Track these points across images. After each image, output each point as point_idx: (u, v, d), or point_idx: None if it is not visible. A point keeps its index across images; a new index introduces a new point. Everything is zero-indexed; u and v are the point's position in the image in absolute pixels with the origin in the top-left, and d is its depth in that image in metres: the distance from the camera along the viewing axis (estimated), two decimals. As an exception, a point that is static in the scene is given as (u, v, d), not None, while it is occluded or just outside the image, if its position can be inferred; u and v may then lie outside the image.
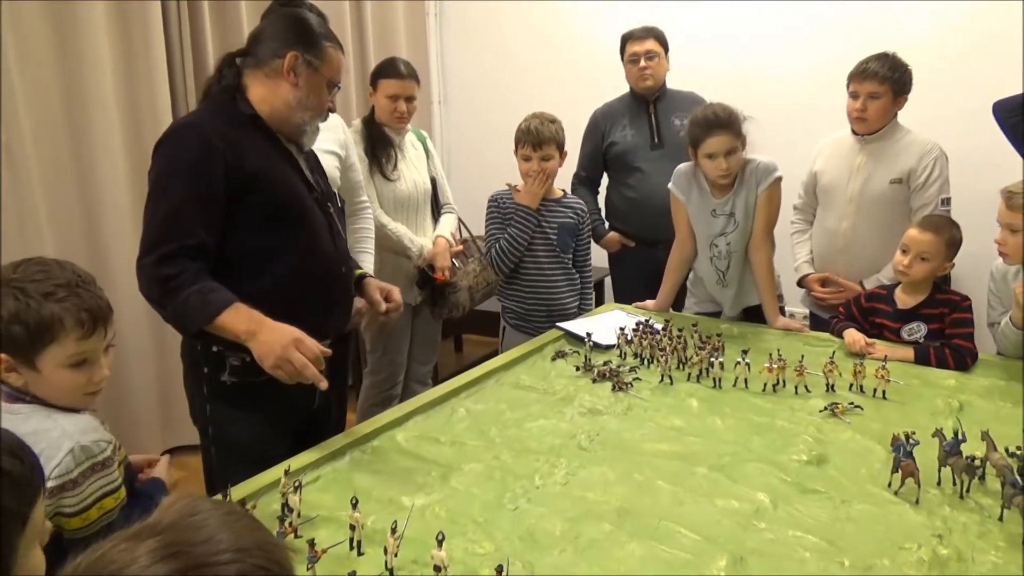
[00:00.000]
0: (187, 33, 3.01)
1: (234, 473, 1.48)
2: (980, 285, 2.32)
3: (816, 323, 2.72)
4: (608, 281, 3.58)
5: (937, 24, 3.19)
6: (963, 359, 2.06)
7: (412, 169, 2.87)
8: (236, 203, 1.62)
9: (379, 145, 2.76)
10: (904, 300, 2.23)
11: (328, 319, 1.82)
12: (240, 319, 1.55)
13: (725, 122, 2.25)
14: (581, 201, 2.73)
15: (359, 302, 2.50)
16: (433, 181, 2.95)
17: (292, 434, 1.80)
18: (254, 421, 1.72)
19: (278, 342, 1.52)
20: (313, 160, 1.89)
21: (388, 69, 2.76)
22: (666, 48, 3.01)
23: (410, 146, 2.90)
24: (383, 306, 2.02)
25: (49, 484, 1.12)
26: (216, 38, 3.13)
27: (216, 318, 1.55)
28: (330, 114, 1.80)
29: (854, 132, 2.60)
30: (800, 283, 2.80)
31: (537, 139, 2.53)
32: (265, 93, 1.71)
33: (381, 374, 2.87)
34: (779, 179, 2.35)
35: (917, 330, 2.18)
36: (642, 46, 2.96)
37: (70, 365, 1.22)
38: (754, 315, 2.51)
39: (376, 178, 2.76)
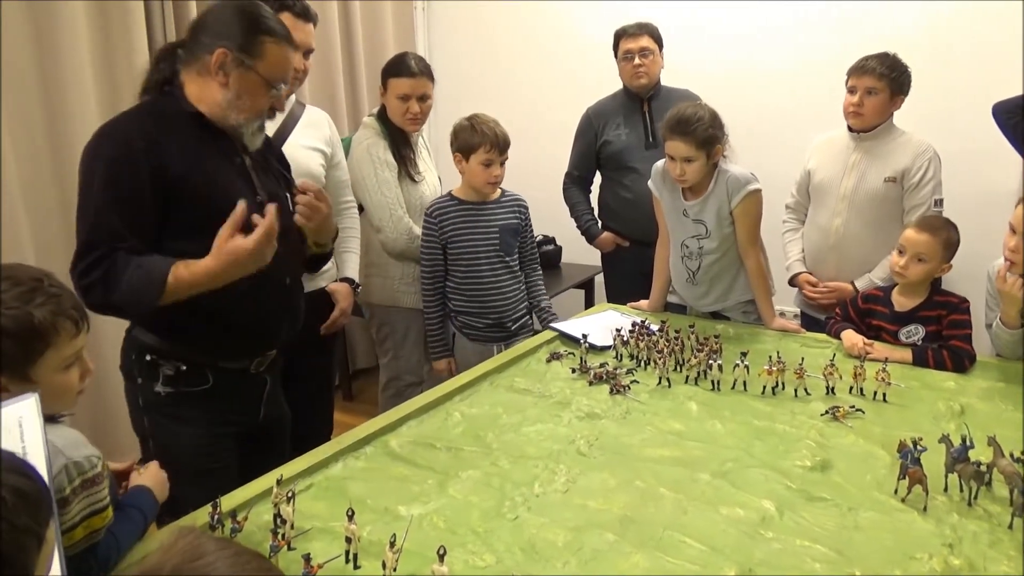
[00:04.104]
0: (171, 34, 2.92)
1: (176, 486, 1.40)
2: (973, 286, 2.31)
3: (807, 322, 2.71)
4: (600, 280, 3.55)
5: (930, 26, 3.17)
6: (961, 361, 2.04)
7: (428, 169, 2.78)
8: (164, 209, 1.53)
9: (402, 146, 2.64)
10: (901, 302, 2.21)
11: (270, 330, 1.70)
12: (193, 275, 1.49)
13: (684, 128, 2.17)
14: (521, 196, 2.58)
15: (344, 302, 2.46)
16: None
17: (237, 444, 1.72)
18: (192, 433, 1.64)
19: (246, 262, 1.50)
20: (262, 160, 1.74)
21: (398, 67, 2.60)
22: (660, 45, 2.98)
23: (421, 144, 2.79)
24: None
25: None
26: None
27: (166, 285, 1.47)
28: (277, 112, 1.68)
29: (850, 128, 2.59)
30: (792, 282, 2.79)
31: (504, 143, 2.43)
32: (197, 91, 1.59)
33: (389, 375, 2.81)
34: (752, 192, 2.25)
35: (915, 332, 2.16)
36: (636, 43, 2.92)
37: (65, 367, 1.18)
38: (722, 319, 2.48)
39: (405, 182, 2.64)
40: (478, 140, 2.41)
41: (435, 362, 2.61)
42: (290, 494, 1.30)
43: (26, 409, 1.02)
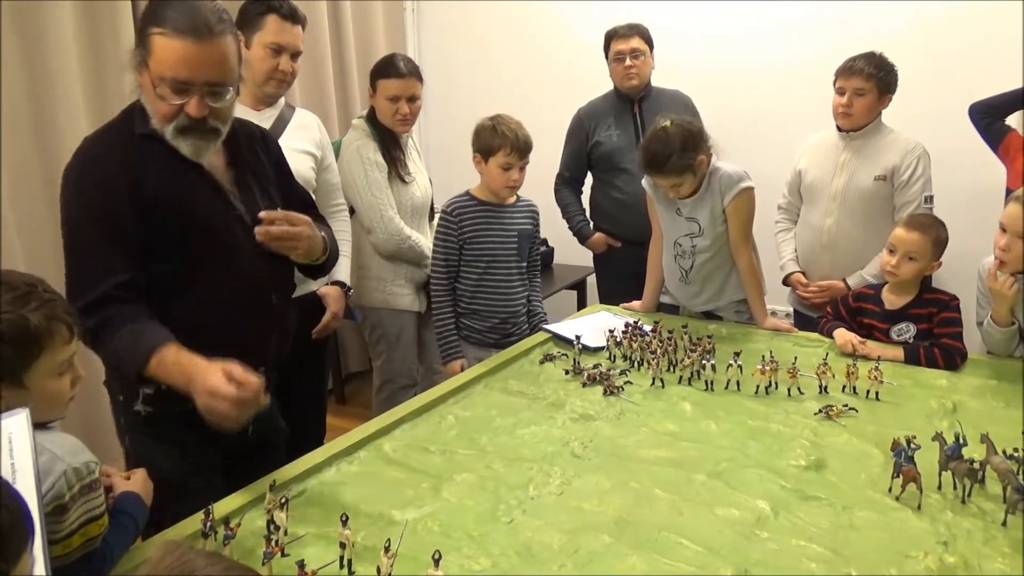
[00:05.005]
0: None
1: (157, 507, 1.36)
2: (963, 284, 2.32)
3: (800, 321, 2.72)
4: (592, 281, 3.55)
5: (919, 24, 3.19)
6: (952, 358, 2.05)
7: (418, 171, 2.77)
8: (144, 229, 1.47)
9: (392, 147, 2.63)
10: (892, 300, 2.22)
11: (258, 349, 1.62)
12: (175, 367, 1.38)
13: (659, 167, 2.19)
14: (533, 202, 2.53)
15: (335, 305, 2.44)
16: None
17: (221, 465, 1.65)
18: (172, 454, 1.57)
19: (200, 393, 1.34)
20: (246, 172, 1.63)
21: (387, 68, 2.59)
22: (651, 46, 2.98)
23: (411, 146, 2.78)
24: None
25: None
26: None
27: (148, 363, 1.39)
28: (211, 123, 1.48)
29: (839, 128, 2.61)
30: (785, 281, 2.80)
31: (527, 146, 2.34)
32: None
33: (383, 377, 2.78)
34: (745, 189, 2.27)
35: (906, 330, 2.17)
36: (627, 44, 2.93)
37: (58, 373, 1.17)
38: (715, 318, 2.48)
39: (395, 183, 2.63)
40: (498, 142, 2.32)
41: (448, 364, 2.46)
42: (283, 500, 1.29)
43: (16, 425, 1.00)
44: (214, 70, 1.44)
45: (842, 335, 2.17)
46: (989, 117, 2.56)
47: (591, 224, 3.19)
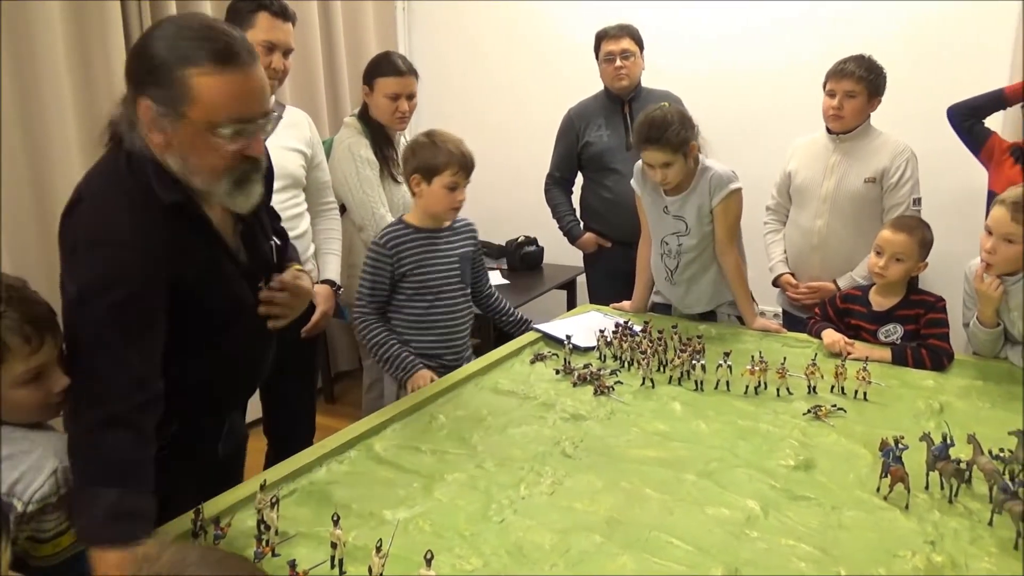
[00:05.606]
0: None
1: None
2: (949, 285, 2.34)
3: (789, 321, 2.74)
4: (582, 281, 3.56)
5: (910, 27, 3.21)
6: (940, 359, 2.07)
7: None
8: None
9: (384, 145, 2.63)
10: (879, 302, 2.23)
11: (243, 392, 1.63)
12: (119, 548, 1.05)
13: (657, 136, 2.18)
14: (471, 221, 2.31)
15: (325, 304, 2.43)
16: None
17: (195, 485, 1.45)
18: None
19: None
20: (250, 224, 1.46)
21: (385, 66, 2.60)
22: (641, 47, 2.99)
23: (403, 145, 2.79)
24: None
25: (30, 508, 1.04)
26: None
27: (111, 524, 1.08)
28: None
29: (829, 131, 2.63)
30: (775, 282, 2.81)
31: (472, 163, 2.13)
32: (158, 154, 1.25)
33: (373, 376, 2.77)
34: (734, 191, 2.27)
35: (894, 331, 2.19)
36: (617, 45, 2.94)
37: (24, 383, 1.14)
38: (709, 319, 2.50)
39: (387, 182, 2.62)
40: (443, 160, 2.08)
41: (412, 379, 2.06)
42: (274, 499, 1.29)
43: None
44: (265, 97, 1.26)
45: (830, 335, 2.19)
46: (970, 120, 2.58)
47: (581, 224, 3.19)
